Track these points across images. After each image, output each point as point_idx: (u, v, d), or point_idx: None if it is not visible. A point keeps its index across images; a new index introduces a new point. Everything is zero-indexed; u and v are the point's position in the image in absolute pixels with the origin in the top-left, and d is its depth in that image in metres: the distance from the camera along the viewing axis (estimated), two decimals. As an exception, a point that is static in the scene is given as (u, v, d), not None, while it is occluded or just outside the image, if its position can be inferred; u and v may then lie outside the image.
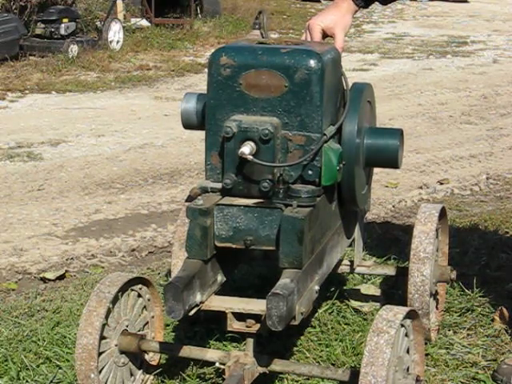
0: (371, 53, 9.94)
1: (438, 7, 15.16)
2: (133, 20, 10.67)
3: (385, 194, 4.62)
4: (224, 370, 2.22)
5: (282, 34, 11.04)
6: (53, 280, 3.43)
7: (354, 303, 2.94)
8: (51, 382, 2.50)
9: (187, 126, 2.51)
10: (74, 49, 8.65)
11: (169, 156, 5.39)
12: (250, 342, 2.24)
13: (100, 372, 2.23)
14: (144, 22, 10.71)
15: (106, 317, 2.23)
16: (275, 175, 2.20)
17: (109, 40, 9.21)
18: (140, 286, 2.40)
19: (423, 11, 14.70)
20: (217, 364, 2.30)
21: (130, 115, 6.62)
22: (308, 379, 2.46)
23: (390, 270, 2.85)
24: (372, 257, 3.39)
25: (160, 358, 2.51)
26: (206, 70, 2.30)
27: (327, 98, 2.25)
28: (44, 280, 3.44)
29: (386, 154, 2.45)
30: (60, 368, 2.57)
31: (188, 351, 2.33)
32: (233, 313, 2.21)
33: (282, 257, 2.14)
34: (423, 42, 10.86)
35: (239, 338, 2.62)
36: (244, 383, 2.18)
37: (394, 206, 4.39)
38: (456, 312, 2.92)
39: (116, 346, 2.30)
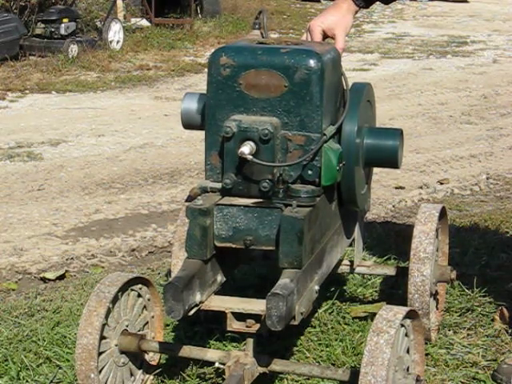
0: (371, 53, 9.95)
1: (438, 7, 15.16)
2: (133, 20, 10.67)
3: (385, 194, 4.62)
4: (224, 369, 2.22)
5: (282, 34, 11.04)
6: (53, 280, 3.43)
7: (355, 309, 2.94)
8: (51, 381, 2.50)
9: (187, 125, 2.51)
10: (74, 49, 8.65)
11: (169, 156, 5.40)
12: (250, 342, 2.24)
13: (100, 372, 2.23)
14: (144, 22, 10.71)
15: (106, 317, 2.23)
16: (275, 175, 2.20)
17: (109, 40, 9.22)
18: (140, 285, 2.40)
19: (423, 11, 14.70)
20: (217, 364, 2.30)
21: (130, 115, 6.62)
22: (308, 379, 2.46)
23: (390, 270, 2.85)
24: (372, 257, 3.39)
25: (160, 357, 2.51)
26: (206, 69, 2.30)
27: (327, 98, 2.25)
28: (44, 280, 3.44)
29: (386, 154, 2.45)
30: (60, 368, 2.57)
31: (188, 351, 2.33)
32: (233, 313, 2.21)
33: (282, 257, 2.14)
34: (423, 42, 10.87)
35: (239, 338, 2.62)
36: (244, 383, 2.18)
37: (394, 206, 4.39)
38: (456, 312, 2.92)
39: (116, 345, 2.30)
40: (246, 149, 2.14)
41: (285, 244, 2.13)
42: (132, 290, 2.37)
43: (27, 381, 2.50)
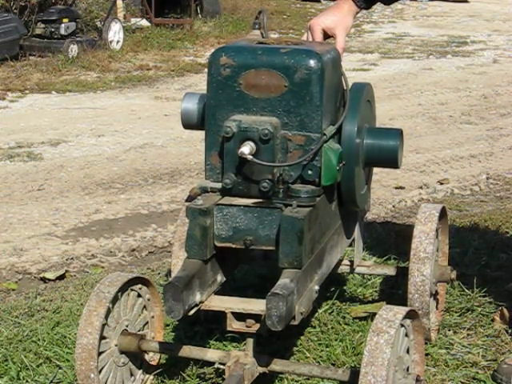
0: (371, 53, 9.94)
1: (438, 7, 15.16)
2: (133, 20, 10.66)
3: (385, 194, 4.62)
4: (224, 369, 2.22)
5: (282, 34, 11.04)
6: (53, 280, 3.43)
7: (355, 309, 2.94)
8: (51, 382, 2.50)
9: (187, 125, 2.51)
10: (74, 49, 8.65)
11: (169, 156, 5.40)
12: (250, 341, 2.24)
13: (100, 372, 2.23)
14: (144, 22, 10.71)
15: (106, 317, 2.23)
16: (275, 175, 2.20)
17: (109, 40, 9.21)
18: (140, 285, 2.40)
19: (423, 11, 14.69)
20: (217, 364, 2.30)
21: (130, 115, 6.62)
22: (308, 379, 2.46)
23: (390, 270, 2.85)
24: (372, 257, 3.39)
25: (160, 357, 2.51)
26: (206, 69, 2.30)
27: (327, 98, 2.25)
28: (44, 280, 3.44)
29: (386, 154, 2.45)
30: (60, 368, 2.57)
31: (188, 351, 2.33)
32: (232, 313, 2.21)
33: (282, 257, 2.14)
34: (423, 42, 10.86)
35: (239, 338, 2.62)
36: (244, 383, 2.18)
37: (394, 206, 4.39)
38: (456, 312, 2.92)
39: (116, 345, 2.30)
40: (246, 149, 2.14)
41: (285, 244, 2.13)
42: (132, 290, 2.37)
43: (27, 381, 2.50)
